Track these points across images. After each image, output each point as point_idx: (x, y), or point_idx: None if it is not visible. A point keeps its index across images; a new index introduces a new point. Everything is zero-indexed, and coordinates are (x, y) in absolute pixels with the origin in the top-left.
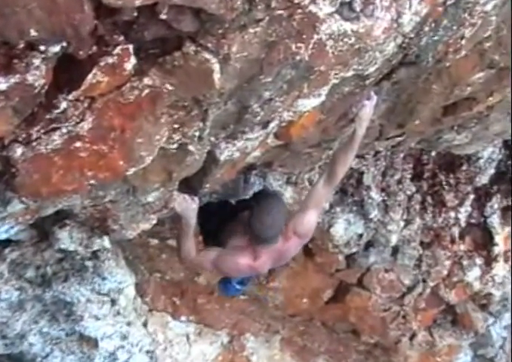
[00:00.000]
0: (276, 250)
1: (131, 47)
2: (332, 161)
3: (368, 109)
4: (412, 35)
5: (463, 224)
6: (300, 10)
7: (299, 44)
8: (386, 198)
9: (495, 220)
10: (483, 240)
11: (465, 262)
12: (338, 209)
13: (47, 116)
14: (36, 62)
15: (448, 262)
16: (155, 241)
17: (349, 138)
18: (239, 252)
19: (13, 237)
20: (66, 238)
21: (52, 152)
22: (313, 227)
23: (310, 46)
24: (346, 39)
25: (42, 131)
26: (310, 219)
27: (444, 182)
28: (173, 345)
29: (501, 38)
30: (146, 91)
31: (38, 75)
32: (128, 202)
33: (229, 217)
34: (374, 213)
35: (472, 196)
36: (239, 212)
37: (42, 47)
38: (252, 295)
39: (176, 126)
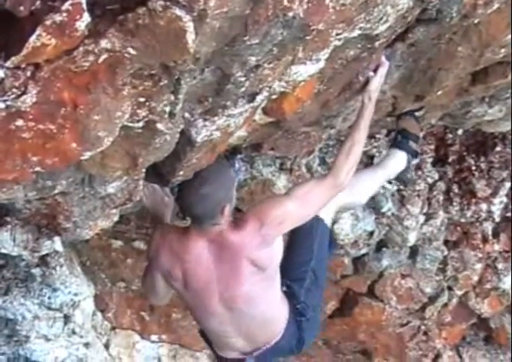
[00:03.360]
0: (219, 237)
1: (83, 1)
2: (338, 150)
3: (378, 78)
4: None
5: (497, 218)
6: None
7: None
8: (402, 188)
9: None
10: None
11: (500, 266)
12: None
13: None
14: None
15: (479, 266)
16: (118, 243)
17: (356, 116)
18: (165, 226)
19: None
20: (7, 240)
21: None
22: (284, 224)
23: None
24: None
25: None
26: (286, 209)
27: (474, 167)
28: None
29: None
30: (104, 57)
31: None
32: (82, 194)
33: None
34: (388, 206)
35: (508, 184)
36: None
37: None
38: None
39: (141, 99)
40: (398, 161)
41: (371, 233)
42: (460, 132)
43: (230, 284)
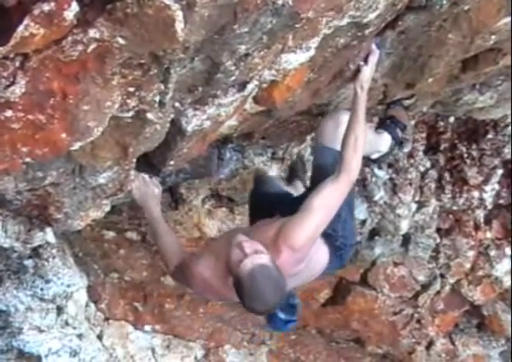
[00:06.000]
0: None
1: None
2: (342, 145)
3: (369, 67)
4: None
5: (489, 206)
6: None
7: None
8: (394, 176)
9: None
10: None
11: (492, 253)
12: None
13: None
14: None
15: (471, 253)
16: (110, 234)
17: (352, 108)
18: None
19: None
20: None
21: None
22: (315, 237)
23: None
24: None
25: None
26: (314, 226)
27: (465, 155)
28: None
29: None
30: (93, 46)
31: None
32: (73, 185)
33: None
34: (380, 195)
35: (500, 171)
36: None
37: None
38: None
39: (131, 89)
40: (382, 141)
41: (364, 221)
42: (451, 119)
43: None
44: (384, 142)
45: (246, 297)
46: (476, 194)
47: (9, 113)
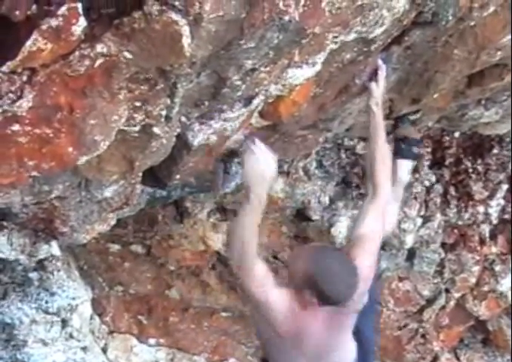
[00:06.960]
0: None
1: (79, 5)
2: (372, 166)
3: (380, 83)
4: None
5: (494, 220)
6: None
7: (287, 1)
8: None
9: None
10: None
11: (498, 268)
12: (340, 204)
13: None
14: None
15: (476, 268)
16: (115, 247)
17: (372, 127)
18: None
19: None
20: (5, 245)
21: None
22: (374, 265)
23: (302, 2)
24: None
25: None
26: (374, 255)
27: (470, 170)
28: None
29: None
30: (100, 61)
31: None
32: (79, 198)
33: None
34: None
35: (505, 186)
36: None
37: None
38: (236, 311)
39: (137, 103)
40: (404, 171)
41: None
42: (457, 134)
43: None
44: (405, 171)
45: (325, 284)
46: (481, 209)
47: (16, 127)
